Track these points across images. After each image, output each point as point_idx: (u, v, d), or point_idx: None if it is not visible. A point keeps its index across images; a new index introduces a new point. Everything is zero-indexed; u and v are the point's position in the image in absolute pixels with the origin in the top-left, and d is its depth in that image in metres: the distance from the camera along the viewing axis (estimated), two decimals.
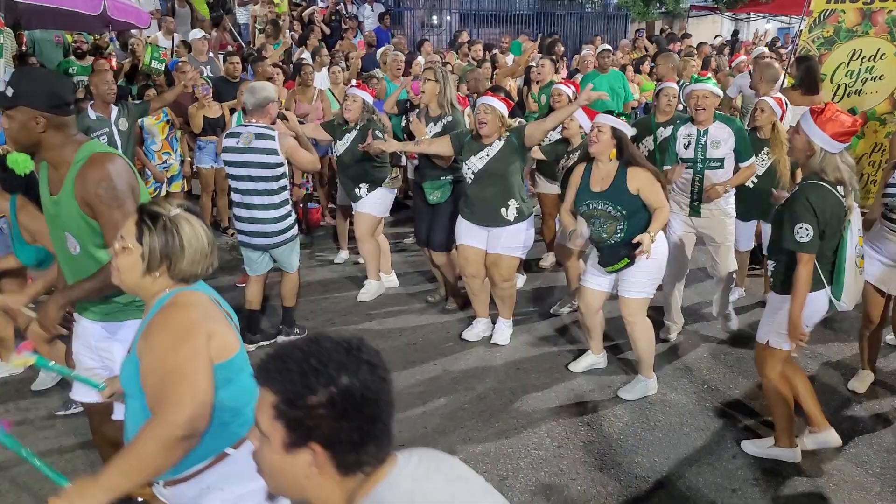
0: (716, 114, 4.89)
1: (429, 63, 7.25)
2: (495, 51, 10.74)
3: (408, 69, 8.63)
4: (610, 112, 4.32)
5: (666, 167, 5.01)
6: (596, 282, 4.43)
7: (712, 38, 14.32)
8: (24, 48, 8.29)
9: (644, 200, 4.14)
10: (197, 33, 9.04)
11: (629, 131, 4.23)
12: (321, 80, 8.41)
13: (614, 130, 4.15)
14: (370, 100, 5.73)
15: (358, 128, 5.63)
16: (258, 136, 4.62)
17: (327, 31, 12.23)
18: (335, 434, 1.22)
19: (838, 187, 3.37)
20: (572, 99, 5.30)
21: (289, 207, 4.91)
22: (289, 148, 4.71)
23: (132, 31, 8.92)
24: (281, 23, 11.30)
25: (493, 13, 16.77)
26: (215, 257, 2.07)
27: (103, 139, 5.61)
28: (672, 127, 5.12)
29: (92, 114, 5.76)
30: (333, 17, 13.08)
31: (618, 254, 4.18)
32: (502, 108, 4.75)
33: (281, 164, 4.70)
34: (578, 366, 4.74)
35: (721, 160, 4.86)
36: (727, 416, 4.22)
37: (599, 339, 4.72)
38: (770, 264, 3.62)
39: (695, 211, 4.99)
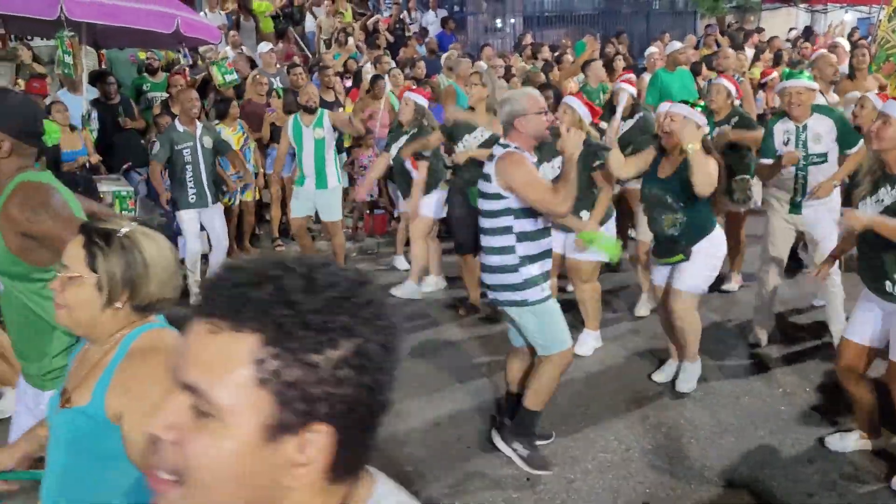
0: (813, 106, 4.67)
1: (476, 67, 7.24)
2: (558, 52, 10.65)
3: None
4: (685, 102, 4.19)
5: (764, 160, 4.81)
6: (659, 275, 4.39)
7: (787, 32, 13.85)
8: (103, 66, 8.70)
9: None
10: (264, 46, 9.30)
11: (702, 122, 4.07)
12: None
13: (686, 119, 4.02)
14: (424, 102, 5.78)
15: (410, 131, 5.69)
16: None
17: (391, 39, 12.37)
18: (352, 410, 0.81)
19: None
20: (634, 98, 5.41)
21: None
22: None
23: (185, 54, 9.26)
24: (349, 32, 11.55)
25: (557, 14, 16.65)
26: (180, 278, 1.73)
27: (187, 152, 5.88)
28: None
29: (179, 127, 5.95)
30: (397, 26, 13.24)
31: (674, 247, 4.13)
32: (582, 111, 4.53)
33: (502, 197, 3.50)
34: (661, 375, 4.61)
35: (824, 154, 4.61)
36: (803, 421, 4.07)
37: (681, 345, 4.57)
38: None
39: (796, 208, 4.77)
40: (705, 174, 3.85)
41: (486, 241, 3.48)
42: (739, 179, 5.42)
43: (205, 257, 6.36)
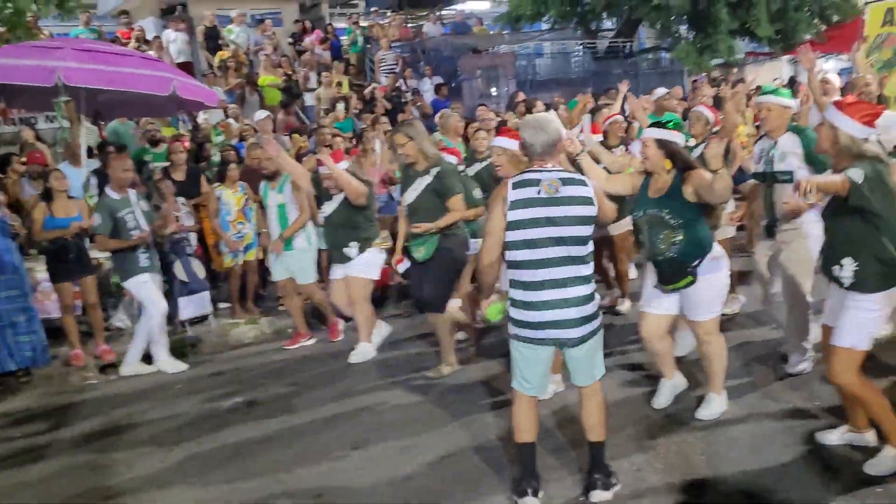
0: (791, 126, 4.68)
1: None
2: (551, 108, 10.86)
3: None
4: (656, 123, 4.16)
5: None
6: (658, 305, 4.28)
7: (772, 83, 14.15)
8: (103, 137, 8.89)
9: (703, 195, 3.88)
10: (261, 114, 9.52)
11: (677, 139, 4.04)
12: (379, 145, 8.69)
13: (660, 142, 4.02)
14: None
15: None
16: (565, 181, 3.35)
17: (389, 105, 12.66)
18: None
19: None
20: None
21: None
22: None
23: (200, 113, 9.48)
24: (340, 105, 11.89)
25: (549, 78, 17.05)
26: None
27: (130, 218, 5.84)
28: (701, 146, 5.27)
29: (114, 195, 5.90)
30: (394, 93, 13.56)
31: (678, 271, 4.04)
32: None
33: (595, 219, 3.44)
34: (661, 399, 4.50)
35: (789, 173, 4.53)
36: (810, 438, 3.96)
37: (671, 363, 4.51)
38: (842, 266, 3.45)
39: (768, 232, 4.77)
40: (726, 186, 3.80)
41: (578, 270, 3.35)
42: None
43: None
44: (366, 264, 5.72)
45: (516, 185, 3.33)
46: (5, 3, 7.82)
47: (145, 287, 5.90)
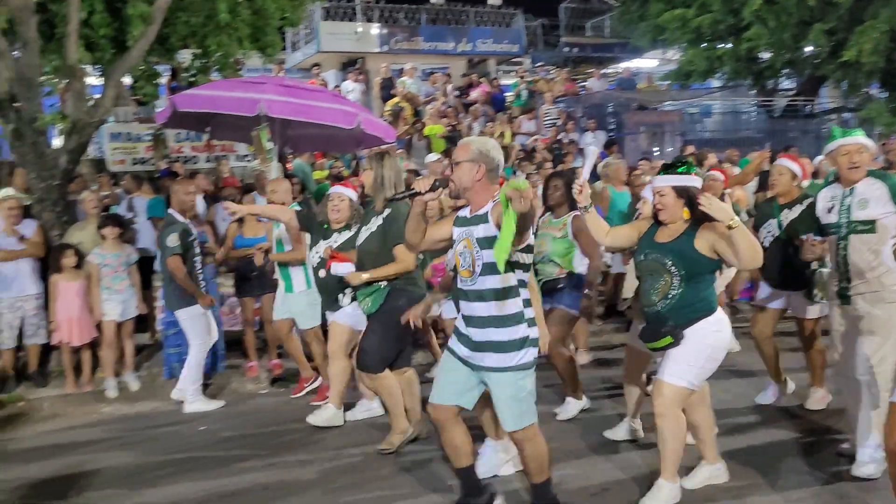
0: (869, 170, 4.08)
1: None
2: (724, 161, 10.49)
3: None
4: (670, 168, 3.70)
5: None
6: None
7: None
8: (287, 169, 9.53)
9: (724, 254, 3.50)
10: (433, 156, 9.89)
11: (695, 183, 3.64)
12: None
13: (676, 189, 3.62)
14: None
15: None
16: None
17: (549, 157, 12.75)
18: None
19: None
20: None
21: None
22: None
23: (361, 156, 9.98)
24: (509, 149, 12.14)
25: (718, 137, 16.50)
26: None
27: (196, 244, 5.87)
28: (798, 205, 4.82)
29: (179, 218, 5.85)
30: (555, 145, 13.66)
31: (660, 329, 3.61)
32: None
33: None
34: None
35: (871, 223, 3.94)
36: None
37: (712, 444, 4.02)
38: None
39: (844, 297, 4.08)
40: (750, 247, 3.36)
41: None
42: (818, 273, 4.85)
43: None
44: (353, 314, 5.00)
45: None
46: (218, 48, 8.66)
47: (200, 320, 5.85)
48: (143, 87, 9.02)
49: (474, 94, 15.71)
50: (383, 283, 4.54)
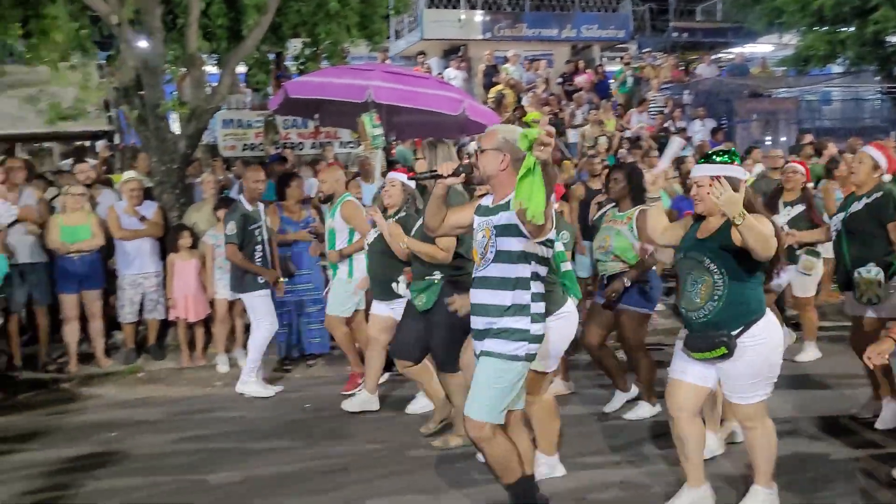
0: None
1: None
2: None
3: None
4: (706, 157, 3.50)
5: None
6: (691, 372, 3.52)
7: None
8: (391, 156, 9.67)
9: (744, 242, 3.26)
10: None
11: (740, 175, 3.39)
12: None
13: (717, 181, 3.31)
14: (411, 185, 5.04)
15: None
16: None
17: (654, 145, 12.38)
18: None
19: None
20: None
21: None
22: None
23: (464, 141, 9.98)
24: (609, 138, 11.87)
25: (838, 126, 15.58)
26: None
27: (258, 232, 5.93)
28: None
29: (247, 206, 5.94)
30: (661, 133, 13.25)
31: (713, 339, 3.32)
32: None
33: None
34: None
35: None
36: None
37: (699, 463, 3.62)
38: None
39: None
40: (758, 238, 3.15)
41: None
42: (865, 274, 4.46)
43: None
44: (397, 307, 4.96)
45: None
46: (327, 36, 8.86)
47: (263, 302, 5.92)
48: (255, 74, 9.34)
49: (578, 81, 15.44)
50: (437, 278, 4.43)
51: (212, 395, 6.13)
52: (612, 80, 16.34)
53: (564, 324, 3.83)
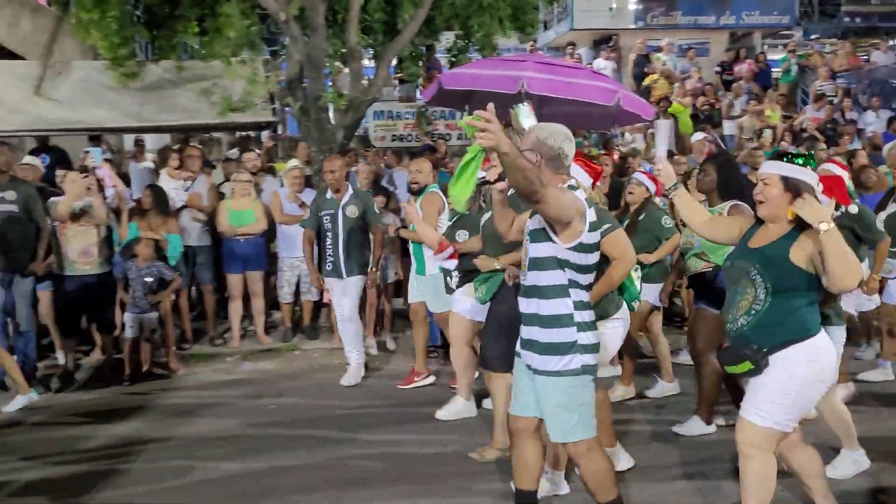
0: None
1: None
2: None
3: None
4: (782, 156, 3.07)
5: None
6: None
7: None
8: None
9: (818, 270, 2.91)
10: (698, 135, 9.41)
11: (810, 180, 2.99)
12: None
13: (787, 181, 2.99)
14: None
15: None
16: None
17: (822, 139, 11.56)
18: None
19: None
20: None
21: None
22: None
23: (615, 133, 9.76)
24: (767, 131, 11.22)
25: None
26: None
27: (327, 220, 6.01)
28: None
29: (327, 194, 6.12)
30: (829, 125, 12.35)
31: (741, 351, 3.02)
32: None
33: None
34: None
35: None
36: None
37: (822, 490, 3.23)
38: None
39: None
40: (843, 261, 2.78)
41: None
42: None
43: None
44: (467, 304, 4.71)
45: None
46: (479, 28, 8.94)
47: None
48: (409, 66, 9.58)
49: (738, 71, 14.67)
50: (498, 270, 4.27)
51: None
52: (776, 70, 15.41)
53: (608, 334, 3.66)
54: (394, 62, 10.42)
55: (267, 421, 5.24)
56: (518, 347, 3.23)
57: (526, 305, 3.13)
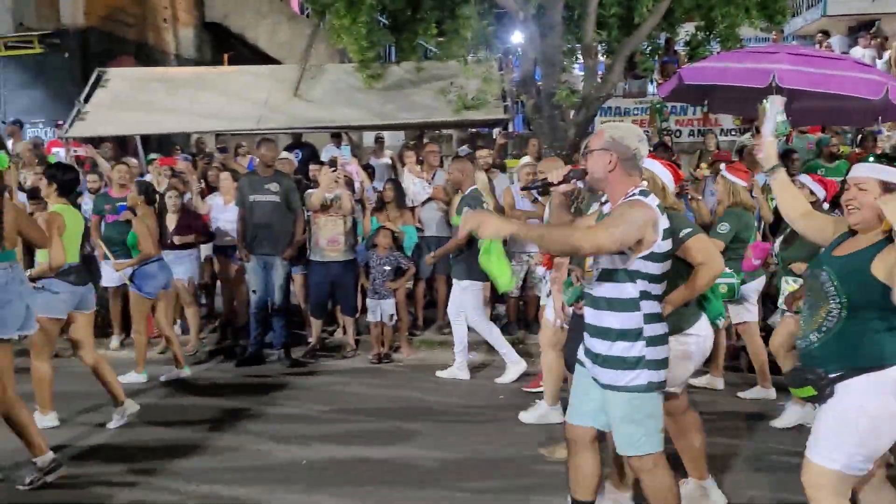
0: None
1: None
2: None
3: None
4: (882, 158, 2.77)
5: None
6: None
7: None
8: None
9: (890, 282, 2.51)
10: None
11: None
12: None
13: (886, 186, 2.66)
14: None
15: None
16: None
17: None
18: None
19: None
20: None
21: None
22: None
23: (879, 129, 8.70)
24: None
25: None
26: None
27: None
28: None
29: None
30: None
31: (805, 374, 2.73)
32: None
33: None
34: None
35: None
36: None
37: None
38: None
39: None
40: None
41: None
42: None
43: None
44: (551, 308, 4.72)
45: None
46: (723, 19, 8.45)
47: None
48: (644, 61, 9.32)
49: None
50: None
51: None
52: None
53: (684, 349, 3.42)
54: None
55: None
56: (581, 355, 3.18)
57: (592, 316, 3.06)
